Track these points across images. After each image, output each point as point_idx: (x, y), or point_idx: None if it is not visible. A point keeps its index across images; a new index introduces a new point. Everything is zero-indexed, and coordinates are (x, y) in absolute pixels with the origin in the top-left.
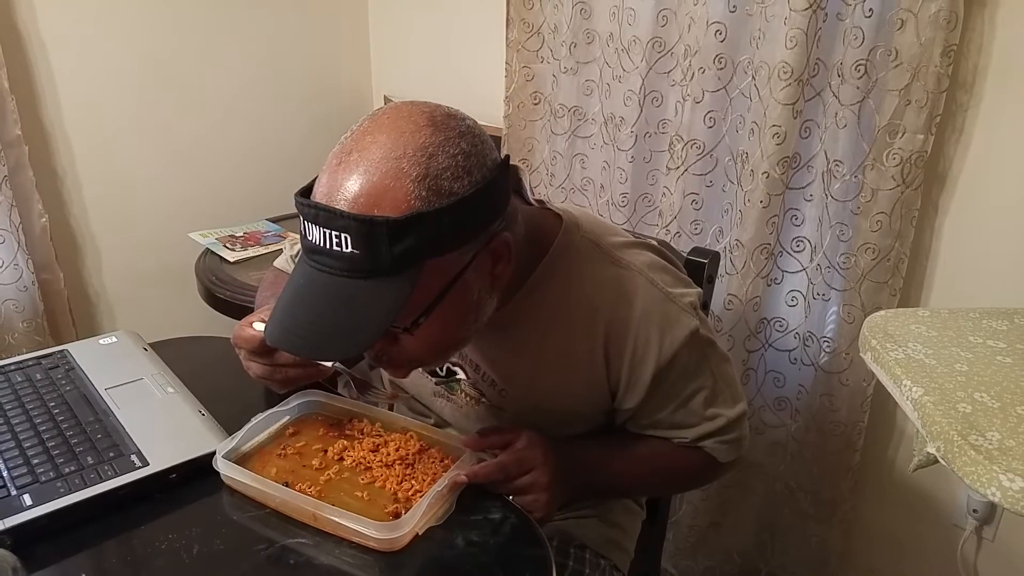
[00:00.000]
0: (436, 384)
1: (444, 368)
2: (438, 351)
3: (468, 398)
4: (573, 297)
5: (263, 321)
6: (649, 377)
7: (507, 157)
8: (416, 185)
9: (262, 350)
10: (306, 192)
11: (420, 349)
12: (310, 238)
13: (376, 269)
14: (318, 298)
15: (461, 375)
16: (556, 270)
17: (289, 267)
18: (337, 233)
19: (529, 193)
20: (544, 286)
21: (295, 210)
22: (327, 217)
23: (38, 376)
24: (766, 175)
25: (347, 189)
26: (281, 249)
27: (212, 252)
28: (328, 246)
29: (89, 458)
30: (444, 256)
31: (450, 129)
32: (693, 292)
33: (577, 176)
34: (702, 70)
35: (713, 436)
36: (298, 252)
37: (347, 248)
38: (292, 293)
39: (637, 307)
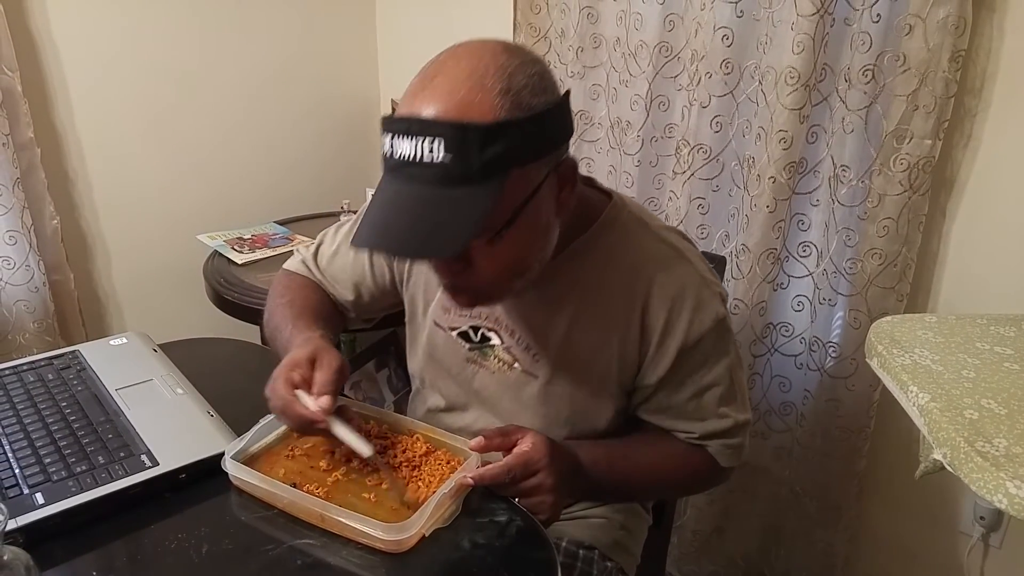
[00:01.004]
0: (470, 350)
1: (478, 334)
2: (509, 274)
3: (501, 363)
4: (617, 264)
5: (313, 394)
6: (674, 352)
7: (568, 90)
8: (500, 98)
9: (305, 429)
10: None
11: (493, 270)
12: (398, 154)
13: (466, 176)
14: (409, 207)
15: (495, 340)
16: (602, 239)
17: (302, 269)
18: (430, 140)
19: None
20: (589, 252)
21: (302, 212)
22: (421, 126)
23: (50, 376)
24: (772, 180)
25: (436, 103)
26: (291, 252)
27: (220, 254)
28: (419, 157)
29: (100, 457)
30: (525, 167)
31: (524, 55)
32: (722, 287)
33: None
34: (709, 75)
35: (719, 437)
36: (314, 252)
37: (439, 156)
38: (381, 205)
39: (677, 282)
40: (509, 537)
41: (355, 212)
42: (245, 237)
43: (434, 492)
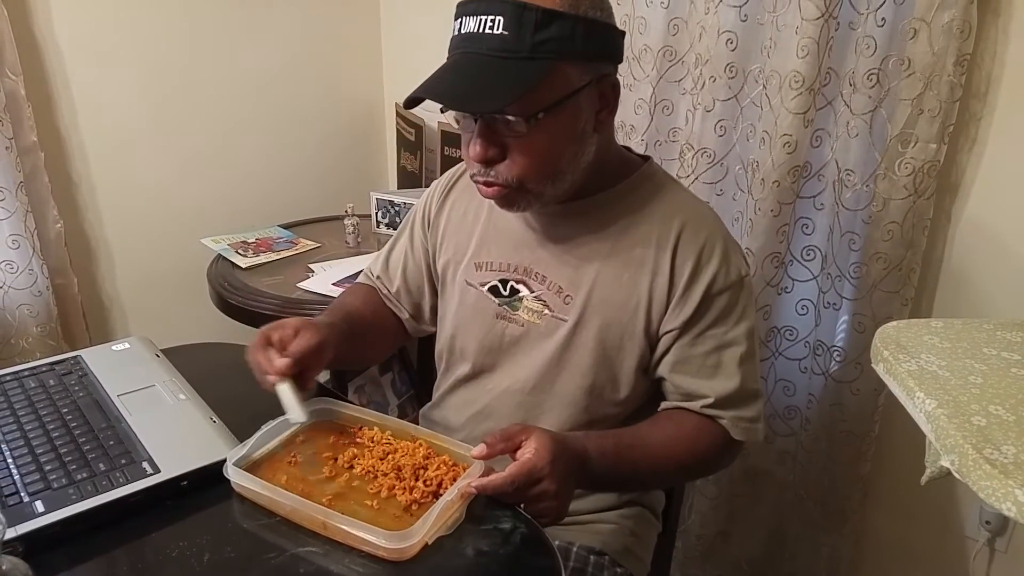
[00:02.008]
0: (499, 305)
1: (508, 287)
2: (540, 173)
3: (530, 313)
4: (652, 211)
5: (287, 360)
6: (699, 296)
7: (623, 31)
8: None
9: (276, 339)
10: None
11: (525, 162)
12: (464, 29)
13: (518, 51)
14: (463, 71)
15: (524, 291)
16: (639, 188)
17: (362, 278)
18: (492, 17)
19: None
20: (626, 198)
21: (306, 216)
22: (487, 4)
23: (51, 382)
24: (777, 184)
25: None
26: (295, 255)
27: (224, 258)
28: (481, 30)
29: (101, 465)
30: (571, 64)
31: None
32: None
33: None
34: (713, 79)
35: (733, 406)
36: (379, 270)
37: (497, 30)
38: (438, 72)
39: (707, 230)
40: (513, 544)
41: (359, 216)
42: (249, 241)
43: (437, 500)
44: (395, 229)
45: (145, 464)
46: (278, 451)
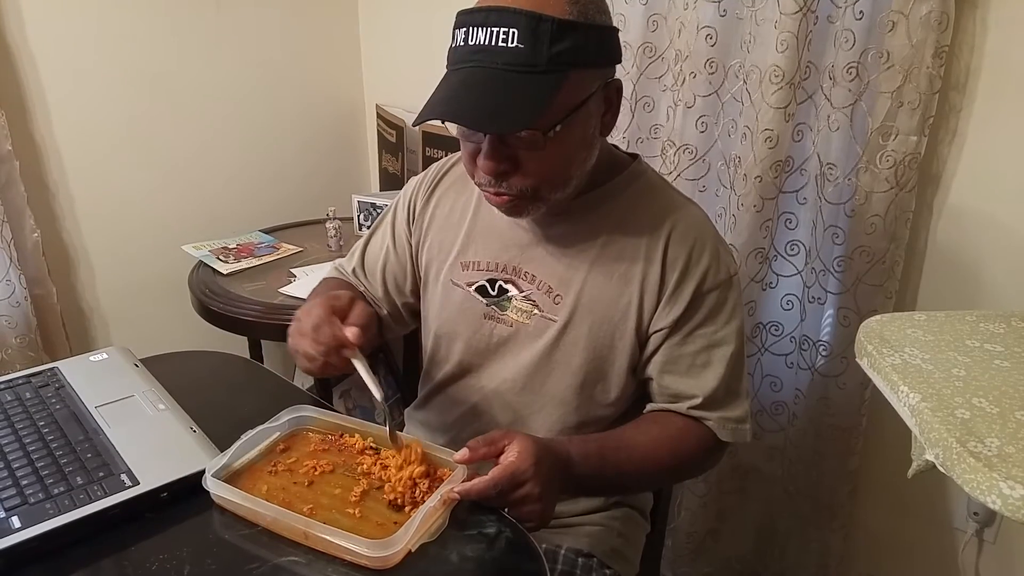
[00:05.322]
0: (487, 305)
1: (496, 287)
2: (550, 182)
3: (519, 313)
4: (643, 209)
5: (355, 327)
6: (689, 294)
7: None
8: (571, 5)
9: (338, 352)
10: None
11: (537, 174)
12: (474, 41)
13: (533, 65)
14: (478, 87)
15: (513, 291)
16: (630, 186)
17: (334, 273)
18: (506, 29)
19: None
20: (616, 196)
21: (287, 220)
22: (499, 15)
23: (28, 395)
24: (759, 179)
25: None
26: (276, 260)
27: (205, 264)
28: (493, 43)
29: (79, 478)
30: (583, 72)
31: None
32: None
33: None
34: (693, 75)
35: (719, 406)
36: (347, 259)
37: (512, 43)
38: (449, 86)
39: (697, 228)
40: (499, 549)
41: (341, 219)
42: (230, 246)
43: (420, 506)
44: None
45: (124, 476)
46: (258, 460)
